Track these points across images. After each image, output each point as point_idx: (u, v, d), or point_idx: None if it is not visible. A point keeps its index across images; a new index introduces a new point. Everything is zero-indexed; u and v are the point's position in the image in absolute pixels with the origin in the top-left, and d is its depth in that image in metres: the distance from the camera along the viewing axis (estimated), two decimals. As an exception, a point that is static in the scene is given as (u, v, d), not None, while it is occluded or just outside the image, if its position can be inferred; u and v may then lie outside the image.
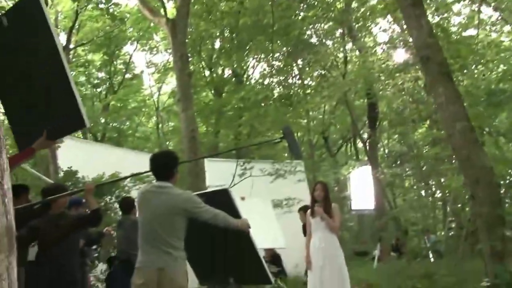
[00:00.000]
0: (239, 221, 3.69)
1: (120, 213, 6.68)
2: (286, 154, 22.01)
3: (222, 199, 4.12)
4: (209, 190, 4.74)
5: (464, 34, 8.38)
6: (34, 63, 2.92)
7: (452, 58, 5.71)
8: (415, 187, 12.28)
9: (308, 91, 16.93)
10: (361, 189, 16.45)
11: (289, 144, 4.58)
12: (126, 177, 5.67)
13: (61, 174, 9.39)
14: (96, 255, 6.81)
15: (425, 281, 7.69)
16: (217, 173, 11.27)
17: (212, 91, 20.81)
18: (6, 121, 3.31)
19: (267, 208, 9.44)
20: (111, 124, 22.18)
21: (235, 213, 3.94)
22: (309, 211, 5.77)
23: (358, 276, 9.78)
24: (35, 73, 2.93)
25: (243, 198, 7.41)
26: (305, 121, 18.73)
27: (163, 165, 3.59)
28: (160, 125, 24.07)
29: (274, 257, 9.51)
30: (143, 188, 3.76)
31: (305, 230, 6.37)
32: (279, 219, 10.64)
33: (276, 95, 16.64)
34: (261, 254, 4.61)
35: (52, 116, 2.95)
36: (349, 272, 5.80)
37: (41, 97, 2.96)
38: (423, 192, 13.51)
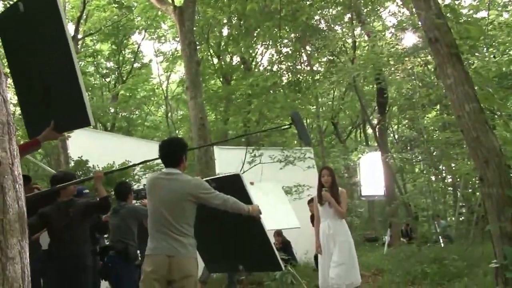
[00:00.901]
0: (249, 207, 3.67)
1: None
2: (295, 141, 22.02)
3: (233, 184, 4.07)
4: (220, 175, 4.69)
5: (475, 16, 8.23)
6: (44, 56, 2.95)
7: (462, 39, 5.63)
8: (425, 172, 12.19)
9: (317, 77, 16.82)
10: (371, 175, 16.38)
11: (298, 130, 4.57)
12: (134, 165, 5.68)
13: (72, 163, 9.46)
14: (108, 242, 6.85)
15: (435, 266, 7.69)
16: (227, 160, 11.29)
17: (221, 79, 20.78)
18: (18, 112, 3.36)
19: (278, 190, 9.44)
20: (120, 113, 22.28)
21: (247, 199, 3.91)
22: (316, 197, 5.76)
23: (368, 262, 9.86)
24: (45, 66, 2.97)
25: (252, 183, 7.44)
26: (314, 107, 18.67)
27: (172, 152, 3.60)
28: (169, 114, 24.13)
29: (284, 244, 9.55)
30: (152, 175, 3.77)
31: (313, 220, 6.37)
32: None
33: (284, 81, 16.56)
34: (271, 240, 4.56)
35: (59, 109, 2.99)
36: (359, 258, 5.82)
37: (49, 90, 3.00)
38: (433, 177, 13.45)
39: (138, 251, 5.37)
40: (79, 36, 19.55)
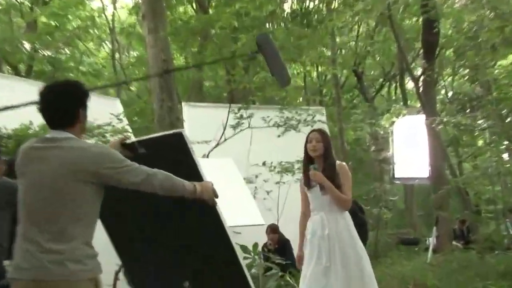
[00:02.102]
0: (197, 185, 3.23)
1: None
2: (301, 98, 21.96)
3: (173, 149, 3.60)
4: (154, 135, 4.13)
5: None
6: None
7: None
8: (492, 145, 12.04)
9: (334, 4, 16.65)
10: (409, 148, 16.43)
11: (268, 61, 4.35)
12: None
13: (-33, 123, 9.26)
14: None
15: (505, 283, 7.73)
16: (201, 122, 11.32)
17: (194, 5, 20.57)
18: None
19: (231, 169, 9.16)
20: (41, 51, 21.96)
21: (194, 172, 3.49)
22: (302, 179, 5.20)
23: (404, 273, 9.91)
24: None
25: None
26: (330, 49, 18.53)
27: (60, 104, 3.10)
28: (117, 55, 23.94)
29: (280, 244, 9.56)
30: (26, 144, 3.22)
31: None
32: (289, 189, 10.49)
33: (287, 10, 16.41)
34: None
35: None
36: (391, 267, 5.59)
37: None
38: (505, 155, 13.26)
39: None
40: None
